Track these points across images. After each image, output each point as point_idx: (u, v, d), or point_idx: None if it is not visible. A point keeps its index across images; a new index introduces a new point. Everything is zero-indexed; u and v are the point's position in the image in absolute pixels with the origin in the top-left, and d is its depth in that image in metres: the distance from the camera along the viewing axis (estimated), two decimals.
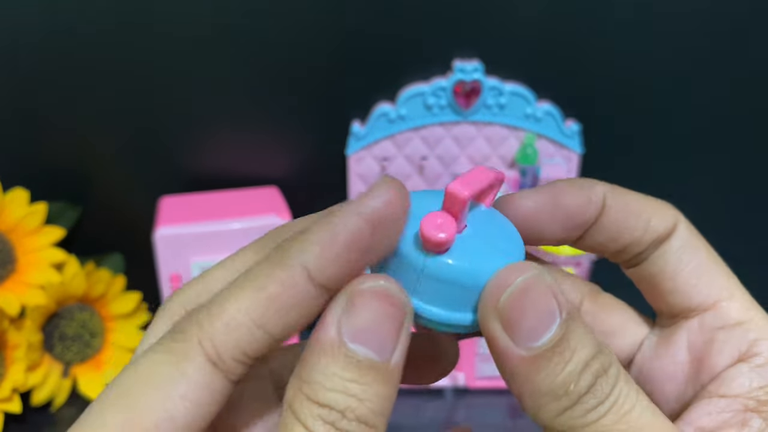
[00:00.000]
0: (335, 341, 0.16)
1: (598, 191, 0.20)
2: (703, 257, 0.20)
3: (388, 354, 0.16)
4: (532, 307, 0.16)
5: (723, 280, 0.20)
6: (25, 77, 0.53)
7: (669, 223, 0.20)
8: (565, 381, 0.16)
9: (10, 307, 0.49)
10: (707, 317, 0.20)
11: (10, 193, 0.51)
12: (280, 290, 0.16)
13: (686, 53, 0.54)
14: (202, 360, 0.16)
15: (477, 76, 0.52)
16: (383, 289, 0.16)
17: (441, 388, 0.57)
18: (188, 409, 0.16)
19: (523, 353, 0.16)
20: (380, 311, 0.16)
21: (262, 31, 0.52)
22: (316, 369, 0.16)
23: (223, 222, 0.51)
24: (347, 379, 0.15)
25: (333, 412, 0.15)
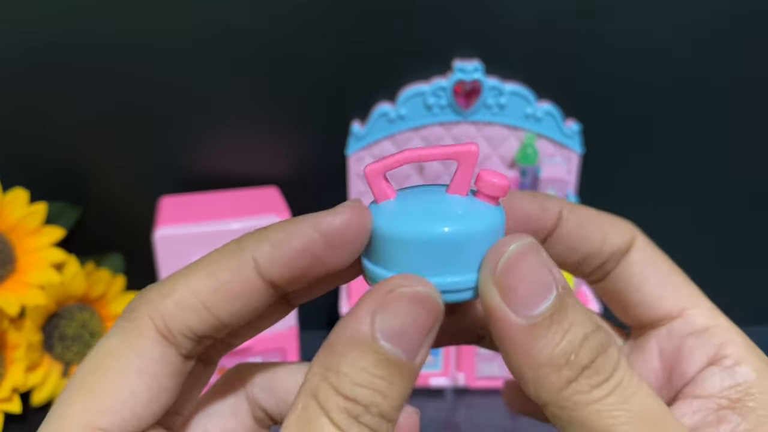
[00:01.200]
0: (368, 336, 0.16)
1: (554, 202, 0.20)
2: (664, 268, 0.21)
3: (414, 355, 0.16)
4: (529, 274, 0.16)
5: (686, 289, 0.20)
6: (26, 77, 0.53)
7: (626, 237, 0.20)
8: (566, 350, 0.16)
9: (10, 307, 0.49)
10: (675, 325, 0.20)
11: (10, 193, 0.51)
12: (230, 278, 0.17)
13: (686, 53, 0.54)
14: (154, 334, 0.17)
15: (477, 76, 0.52)
16: (423, 294, 0.16)
17: (441, 388, 0.57)
18: (147, 383, 0.17)
19: (521, 321, 0.16)
20: (415, 316, 0.16)
21: (262, 31, 0.52)
22: (345, 360, 0.16)
23: (223, 222, 0.51)
24: (376, 376, 0.16)
25: (358, 406, 0.15)
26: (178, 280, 0.17)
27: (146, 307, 0.17)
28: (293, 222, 0.17)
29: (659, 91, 0.55)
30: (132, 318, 0.17)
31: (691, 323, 0.20)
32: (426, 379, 0.55)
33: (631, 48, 0.53)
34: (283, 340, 0.55)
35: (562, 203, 0.21)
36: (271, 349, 0.55)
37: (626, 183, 0.59)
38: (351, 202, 0.17)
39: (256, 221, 0.52)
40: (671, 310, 0.20)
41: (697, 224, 0.60)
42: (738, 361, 0.19)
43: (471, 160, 0.18)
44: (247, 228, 0.51)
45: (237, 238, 0.18)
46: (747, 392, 0.18)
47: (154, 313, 0.17)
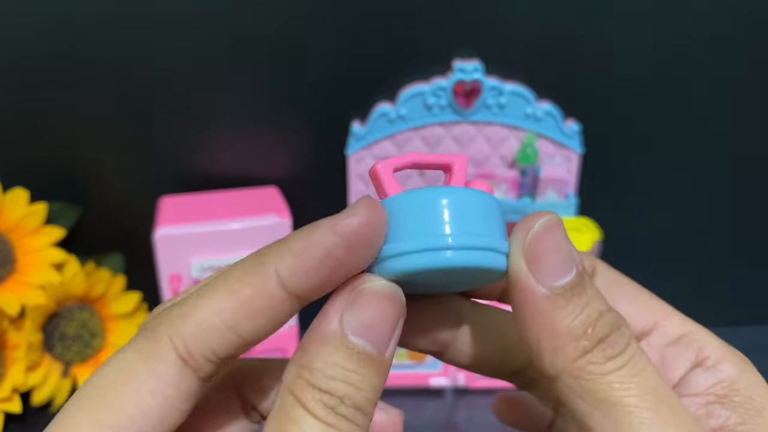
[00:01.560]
0: (338, 333, 0.17)
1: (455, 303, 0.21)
2: (631, 289, 0.22)
3: (384, 348, 0.17)
4: (555, 247, 0.17)
5: (655, 303, 0.21)
6: (26, 78, 0.53)
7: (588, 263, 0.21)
8: (584, 323, 0.17)
9: (10, 307, 0.49)
10: (652, 339, 0.21)
11: (10, 193, 0.51)
12: (252, 294, 0.17)
13: (686, 53, 0.54)
14: (173, 357, 0.17)
15: (477, 76, 0.52)
16: (386, 290, 0.17)
17: (441, 388, 0.57)
18: (160, 404, 0.16)
19: (545, 291, 0.17)
20: (381, 310, 0.17)
21: (262, 31, 0.52)
22: (318, 357, 0.16)
23: (223, 222, 0.51)
24: (348, 369, 0.16)
25: (333, 398, 0.16)
26: (199, 300, 0.17)
27: (166, 328, 0.17)
28: (311, 229, 0.17)
29: (659, 91, 0.55)
30: (151, 337, 0.17)
31: (667, 334, 0.21)
32: (426, 379, 0.55)
33: (631, 48, 0.53)
34: (283, 340, 0.55)
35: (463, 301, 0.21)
36: (271, 348, 0.55)
37: (626, 183, 0.59)
38: (364, 201, 0.17)
39: (256, 221, 0.52)
40: (645, 325, 0.21)
41: (697, 224, 0.60)
42: (718, 360, 0.20)
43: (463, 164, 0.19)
44: (246, 228, 0.51)
45: (257, 251, 0.18)
46: (731, 388, 0.19)
47: (174, 335, 0.17)
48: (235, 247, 0.51)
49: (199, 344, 0.17)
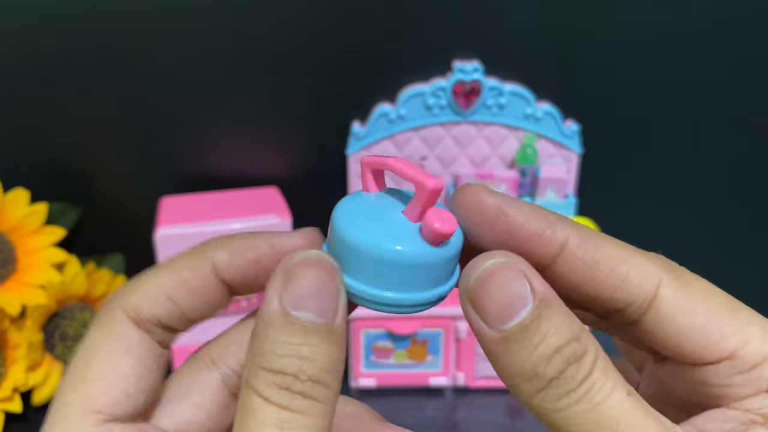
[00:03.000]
0: (279, 311, 0.17)
1: (562, 226, 0.18)
2: (703, 312, 0.18)
3: (330, 315, 0.17)
4: (499, 290, 0.17)
5: (733, 326, 0.18)
6: (27, 78, 0.53)
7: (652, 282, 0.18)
8: (534, 364, 0.16)
9: (10, 307, 0.49)
10: (722, 367, 0.18)
11: (11, 193, 0.51)
12: (190, 275, 0.19)
13: (686, 53, 0.54)
14: (128, 322, 0.19)
15: (477, 77, 0.52)
16: (316, 257, 0.17)
17: (441, 388, 0.57)
18: (134, 364, 0.19)
19: (494, 335, 0.17)
20: (316, 277, 0.17)
21: (263, 31, 0.52)
22: (266, 340, 0.17)
23: (224, 222, 0.51)
24: (296, 344, 0.16)
25: (287, 377, 0.16)
26: (145, 277, 0.19)
27: (119, 301, 0.19)
28: (254, 235, 0.20)
29: (659, 92, 0.55)
30: (107, 311, 0.19)
31: (740, 364, 0.18)
32: (426, 378, 0.56)
33: (631, 48, 0.54)
34: None
35: (570, 232, 0.18)
36: None
37: (626, 183, 0.59)
38: (308, 231, 0.20)
39: (256, 221, 0.52)
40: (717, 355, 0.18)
41: (697, 224, 0.60)
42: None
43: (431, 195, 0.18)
44: (247, 228, 0.51)
45: (203, 241, 0.20)
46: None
47: (126, 305, 0.19)
48: None
49: (144, 312, 0.19)
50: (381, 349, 0.54)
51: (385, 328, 0.53)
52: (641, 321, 0.19)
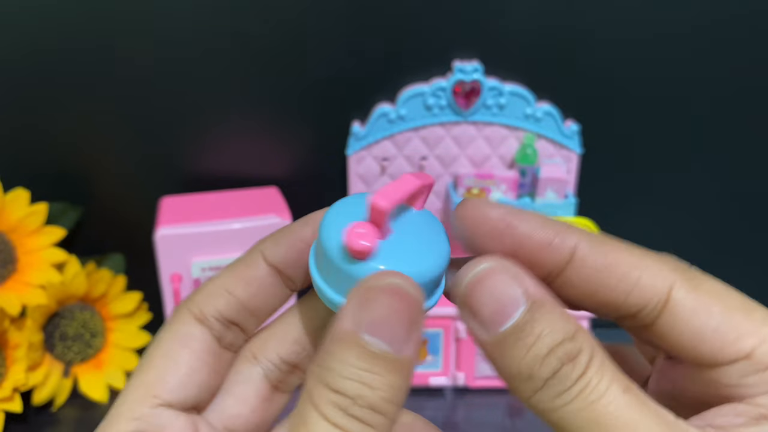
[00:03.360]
0: (351, 332, 0.17)
1: (569, 235, 0.19)
2: (717, 313, 0.18)
3: (400, 346, 0.17)
4: (491, 294, 0.17)
5: (749, 326, 0.18)
6: (27, 78, 0.53)
7: (664, 285, 0.18)
8: (529, 365, 0.17)
9: (11, 307, 0.49)
10: (737, 367, 0.18)
11: (11, 193, 0.51)
12: (244, 267, 0.21)
13: (686, 53, 0.54)
14: (191, 319, 0.20)
15: (477, 77, 0.52)
16: (396, 286, 0.17)
17: (441, 388, 0.57)
18: (189, 356, 0.20)
19: (489, 338, 0.17)
20: (393, 307, 0.17)
21: (263, 31, 0.52)
22: (333, 357, 0.17)
23: (224, 222, 0.51)
24: (361, 368, 0.16)
25: (345, 399, 0.16)
26: (209, 280, 0.21)
27: (185, 303, 0.21)
28: (298, 221, 0.21)
29: (659, 92, 0.55)
30: (175, 312, 0.21)
31: (756, 363, 0.18)
32: (426, 378, 0.56)
33: (631, 48, 0.54)
34: None
35: (579, 239, 0.18)
36: None
37: (626, 183, 0.59)
38: None
39: (256, 221, 0.52)
40: (734, 356, 0.18)
41: (697, 224, 0.60)
42: None
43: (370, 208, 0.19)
44: (247, 228, 0.51)
45: None
46: None
47: (190, 304, 0.21)
48: (235, 247, 0.51)
49: (207, 307, 0.21)
50: None
51: None
52: (655, 324, 0.19)
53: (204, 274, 0.51)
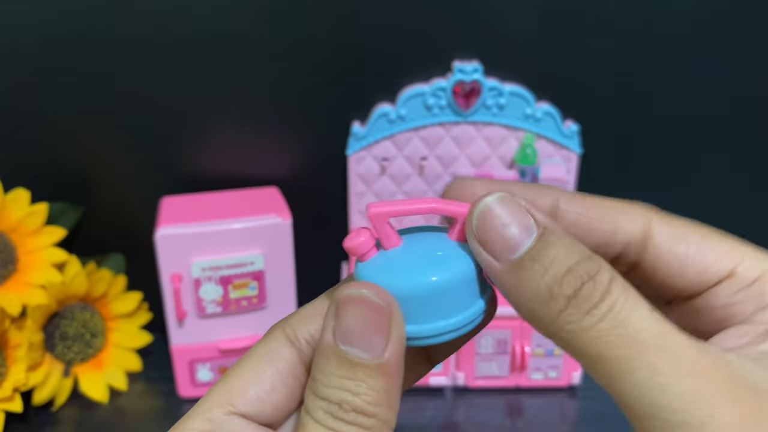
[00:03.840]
0: (330, 343, 0.18)
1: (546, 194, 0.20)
2: (695, 240, 0.20)
3: (378, 351, 0.18)
4: (501, 225, 0.18)
5: (726, 247, 0.20)
6: (27, 78, 0.53)
7: (640, 224, 0.20)
8: (548, 284, 0.17)
9: (11, 307, 0.49)
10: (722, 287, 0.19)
11: (12, 193, 0.51)
12: None
13: (685, 54, 0.54)
14: (284, 339, 0.21)
15: (476, 77, 0.52)
16: (361, 296, 0.18)
17: (441, 388, 0.57)
18: (273, 373, 0.20)
19: (504, 266, 0.18)
20: (361, 315, 0.18)
21: (263, 32, 0.52)
22: (318, 368, 0.18)
23: (224, 222, 0.51)
24: (341, 377, 0.18)
25: (331, 405, 0.18)
26: (306, 305, 0.21)
27: (280, 324, 0.21)
28: None
29: (658, 92, 0.55)
30: (271, 330, 0.21)
31: (740, 280, 0.19)
32: (426, 378, 0.56)
33: (630, 49, 0.54)
34: None
35: (557, 194, 0.20)
36: None
37: (625, 183, 0.59)
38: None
39: (256, 221, 0.52)
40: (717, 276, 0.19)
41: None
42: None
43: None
44: (247, 228, 0.51)
45: None
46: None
47: (285, 325, 0.21)
48: (235, 247, 0.51)
49: (301, 329, 0.20)
50: None
51: None
52: (642, 260, 0.20)
53: (204, 274, 0.51)
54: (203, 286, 0.52)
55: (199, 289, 0.52)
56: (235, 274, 0.52)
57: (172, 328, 0.53)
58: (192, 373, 0.55)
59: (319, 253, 0.59)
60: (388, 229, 0.20)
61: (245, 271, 0.52)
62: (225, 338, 0.54)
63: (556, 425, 0.53)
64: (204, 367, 0.55)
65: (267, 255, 0.52)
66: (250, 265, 0.52)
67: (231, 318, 0.54)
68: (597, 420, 0.54)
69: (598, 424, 0.53)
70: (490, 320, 0.20)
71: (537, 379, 0.56)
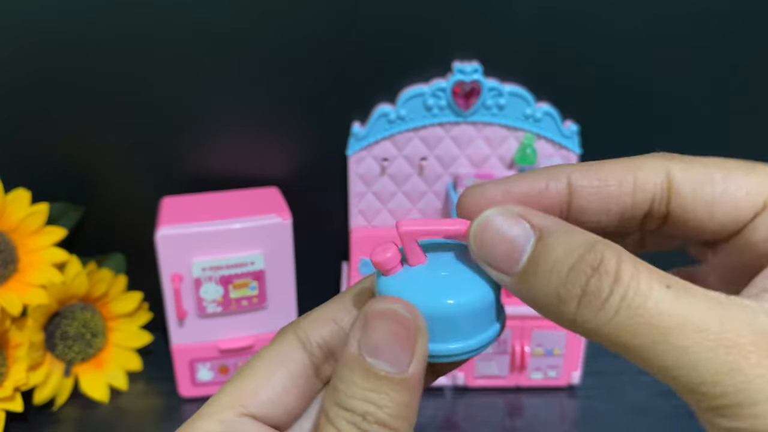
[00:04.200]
0: (356, 355, 0.18)
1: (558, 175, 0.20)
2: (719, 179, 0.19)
3: (403, 366, 0.18)
4: (498, 237, 0.18)
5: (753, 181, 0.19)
6: (28, 78, 0.53)
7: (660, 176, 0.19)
8: (556, 288, 0.17)
9: (12, 307, 0.49)
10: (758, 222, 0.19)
11: (12, 193, 0.51)
12: (351, 298, 0.22)
13: (684, 54, 0.54)
14: (295, 341, 0.21)
15: (476, 77, 0.52)
16: (391, 311, 0.19)
17: (441, 387, 0.57)
18: (284, 375, 0.21)
19: (513, 279, 0.18)
20: (390, 330, 0.18)
21: (264, 33, 0.53)
22: (342, 379, 0.18)
23: (224, 222, 0.51)
24: (366, 389, 0.18)
25: (355, 416, 0.18)
26: (319, 307, 0.22)
27: (292, 326, 0.22)
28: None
29: (657, 92, 0.55)
30: (282, 332, 0.22)
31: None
32: None
33: (630, 49, 0.54)
34: None
35: (570, 171, 0.20)
36: None
37: None
38: None
39: (257, 221, 0.52)
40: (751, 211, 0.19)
41: None
42: None
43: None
44: (247, 228, 0.51)
45: None
46: None
47: (297, 328, 0.21)
48: (236, 247, 0.52)
49: (313, 332, 0.21)
50: None
51: None
52: (670, 213, 0.19)
53: (204, 274, 0.52)
54: (204, 286, 0.52)
55: (199, 288, 0.52)
56: (236, 274, 0.52)
57: (173, 327, 0.53)
58: (192, 373, 0.55)
59: (319, 253, 0.59)
60: (415, 247, 0.20)
61: (245, 271, 0.52)
62: (225, 338, 0.54)
63: (555, 425, 0.54)
64: (204, 366, 0.55)
65: (267, 255, 0.52)
66: (251, 265, 0.52)
67: (231, 318, 0.54)
68: (596, 419, 0.54)
69: (598, 424, 0.53)
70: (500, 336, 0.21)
71: (536, 378, 0.56)
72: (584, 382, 0.56)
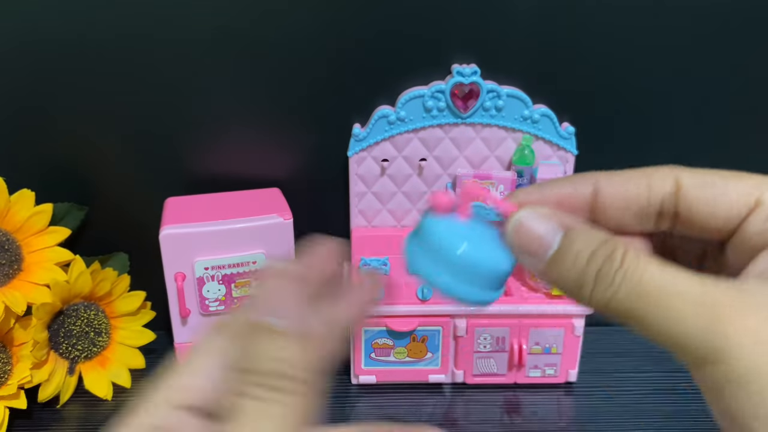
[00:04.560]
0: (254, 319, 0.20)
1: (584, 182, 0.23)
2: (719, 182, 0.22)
3: (293, 320, 0.20)
4: (532, 234, 0.21)
5: (747, 184, 0.22)
6: (31, 79, 0.54)
7: (670, 180, 0.23)
8: (578, 273, 0.20)
9: (16, 306, 0.49)
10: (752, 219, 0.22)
11: (17, 193, 0.51)
12: None
13: (682, 55, 0.55)
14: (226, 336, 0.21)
15: (475, 80, 0.53)
16: (280, 269, 0.21)
17: (440, 384, 0.57)
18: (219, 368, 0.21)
19: (544, 265, 0.21)
20: (276, 287, 0.21)
21: (266, 35, 0.53)
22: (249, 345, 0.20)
23: (227, 222, 0.52)
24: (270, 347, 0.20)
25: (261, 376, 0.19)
26: None
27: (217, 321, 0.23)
28: None
29: (655, 94, 0.56)
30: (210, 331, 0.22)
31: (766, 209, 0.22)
32: (425, 375, 0.56)
33: (627, 52, 0.54)
34: None
35: (596, 178, 0.23)
36: None
37: None
38: None
39: (259, 221, 0.52)
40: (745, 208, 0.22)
41: None
42: None
43: None
44: (249, 228, 0.52)
45: None
46: None
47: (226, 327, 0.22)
48: (238, 247, 0.52)
49: None
50: (381, 346, 0.55)
51: (385, 325, 0.54)
52: (679, 210, 0.22)
53: (207, 273, 0.52)
54: (206, 285, 0.53)
55: (202, 287, 0.53)
56: (238, 273, 0.53)
57: (176, 326, 0.54)
58: None
59: None
60: (468, 206, 0.23)
61: (247, 270, 0.53)
62: None
63: (553, 421, 0.54)
64: None
65: (269, 254, 0.53)
66: (252, 264, 0.53)
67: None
68: (593, 416, 0.54)
69: (595, 421, 0.54)
70: None
71: (534, 376, 0.56)
72: (581, 379, 0.57)
